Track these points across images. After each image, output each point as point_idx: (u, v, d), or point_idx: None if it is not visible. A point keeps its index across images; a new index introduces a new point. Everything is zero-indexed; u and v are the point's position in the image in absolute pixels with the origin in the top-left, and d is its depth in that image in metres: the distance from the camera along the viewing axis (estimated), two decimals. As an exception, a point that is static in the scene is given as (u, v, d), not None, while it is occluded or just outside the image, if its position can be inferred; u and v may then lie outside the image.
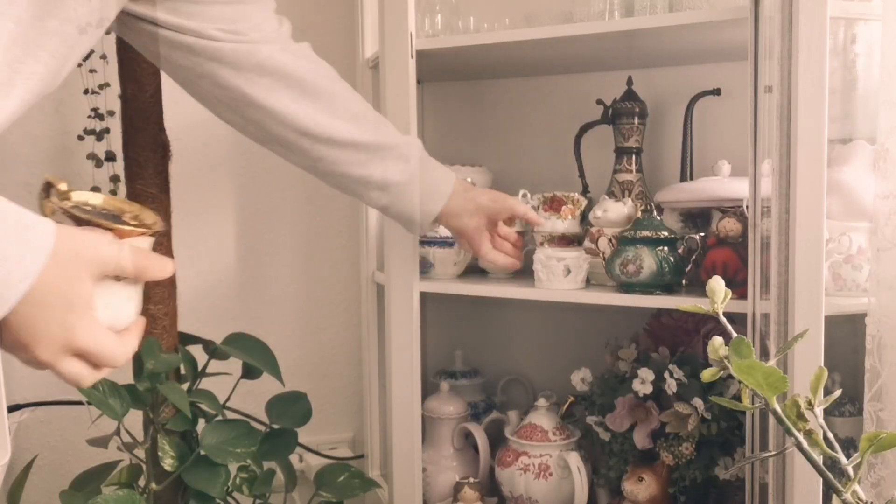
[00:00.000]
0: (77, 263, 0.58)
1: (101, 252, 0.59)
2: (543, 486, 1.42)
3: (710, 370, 0.61)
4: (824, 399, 0.60)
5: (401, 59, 1.36)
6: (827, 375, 0.61)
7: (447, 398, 1.58)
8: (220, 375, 1.33)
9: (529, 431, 1.46)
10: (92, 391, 1.22)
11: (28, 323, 0.56)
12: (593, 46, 1.40)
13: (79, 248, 0.58)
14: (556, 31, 1.32)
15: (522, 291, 1.38)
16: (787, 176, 1.04)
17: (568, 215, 1.39)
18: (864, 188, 1.13)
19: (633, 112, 1.46)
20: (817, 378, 0.60)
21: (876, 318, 1.04)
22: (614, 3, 1.38)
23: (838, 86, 1.27)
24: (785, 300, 1.05)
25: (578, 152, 1.54)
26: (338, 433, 1.85)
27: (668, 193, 1.38)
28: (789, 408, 0.60)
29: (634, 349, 1.41)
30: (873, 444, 0.57)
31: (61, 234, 0.57)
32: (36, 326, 0.57)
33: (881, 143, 1.03)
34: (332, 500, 1.35)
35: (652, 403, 1.32)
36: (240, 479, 1.31)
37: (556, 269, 1.33)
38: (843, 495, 0.59)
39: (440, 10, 1.52)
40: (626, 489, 1.35)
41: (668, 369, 1.28)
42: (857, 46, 1.29)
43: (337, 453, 1.79)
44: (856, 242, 1.14)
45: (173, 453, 1.24)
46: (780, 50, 1.03)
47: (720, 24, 1.21)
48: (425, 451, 1.51)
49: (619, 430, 1.36)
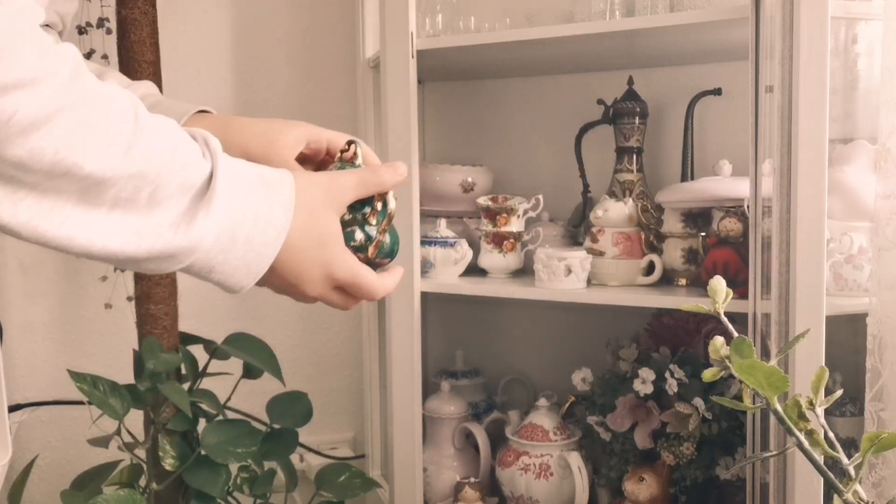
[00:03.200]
0: (319, 204, 0.63)
1: (337, 186, 0.64)
2: (544, 486, 1.42)
3: (711, 370, 0.61)
4: (825, 399, 0.60)
5: (401, 59, 1.36)
6: (828, 375, 0.60)
7: (448, 398, 1.58)
8: (221, 375, 1.34)
9: (530, 431, 1.45)
10: (92, 391, 1.22)
11: (291, 268, 0.62)
12: (594, 46, 1.40)
13: (318, 189, 0.63)
14: (557, 30, 1.32)
15: (523, 291, 1.38)
16: (788, 176, 1.04)
17: (509, 250, 1.47)
18: (865, 188, 1.13)
19: (633, 112, 1.46)
20: (818, 378, 0.60)
21: (877, 317, 1.04)
22: (615, 3, 1.39)
23: (839, 85, 1.27)
24: (786, 300, 1.05)
25: (579, 152, 1.53)
26: (338, 433, 1.85)
27: (668, 193, 1.38)
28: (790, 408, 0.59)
29: (635, 349, 1.41)
30: (874, 444, 0.57)
31: (300, 182, 0.62)
32: (299, 268, 0.62)
33: (882, 142, 1.03)
34: (333, 499, 1.35)
35: (653, 403, 1.32)
36: (240, 478, 1.31)
37: (558, 269, 1.33)
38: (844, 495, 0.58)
39: (441, 10, 1.52)
40: (626, 489, 1.35)
41: (669, 369, 1.28)
42: (858, 46, 1.29)
43: (338, 453, 1.79)
44: (857, 242, 1.14)
45: (174, 453, 1.24)
46: (781, 50, 1.03)
47: (721, 24, 1.21)
48: (426, 450, 1.51)
49: (620, 430, 1.35)
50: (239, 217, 0.58)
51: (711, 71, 1.49)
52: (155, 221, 0.55)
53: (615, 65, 1.54)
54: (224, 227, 0.57)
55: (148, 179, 0.54)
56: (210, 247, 0.57)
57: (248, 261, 0.59)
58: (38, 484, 1.60)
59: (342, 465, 1.40)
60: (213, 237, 0.56)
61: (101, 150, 0.51)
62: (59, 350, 1.65)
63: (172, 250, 0.55)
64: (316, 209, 0.63)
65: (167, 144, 0.56)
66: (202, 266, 0.58)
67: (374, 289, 0.67)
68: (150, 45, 1.30)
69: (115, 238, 0.54)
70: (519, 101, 1.71)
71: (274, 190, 0.60)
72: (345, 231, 0.65)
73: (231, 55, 1.73)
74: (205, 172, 0.57)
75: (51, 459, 1.64)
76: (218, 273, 0.59)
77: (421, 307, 1.40)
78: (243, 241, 0.58)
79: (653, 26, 1.26)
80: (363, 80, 1.65)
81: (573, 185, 1.57)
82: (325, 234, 0.63)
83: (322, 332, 1.85)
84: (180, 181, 0.55)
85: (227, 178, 0.57)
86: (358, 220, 0.66)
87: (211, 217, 0.56)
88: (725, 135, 1.50)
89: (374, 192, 0.66)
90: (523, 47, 1.38)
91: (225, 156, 0.59)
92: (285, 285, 0.64)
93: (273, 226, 0.60)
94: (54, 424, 1.65)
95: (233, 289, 0.61)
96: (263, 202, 0.59)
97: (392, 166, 0.67)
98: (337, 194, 0.64)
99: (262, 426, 1.34)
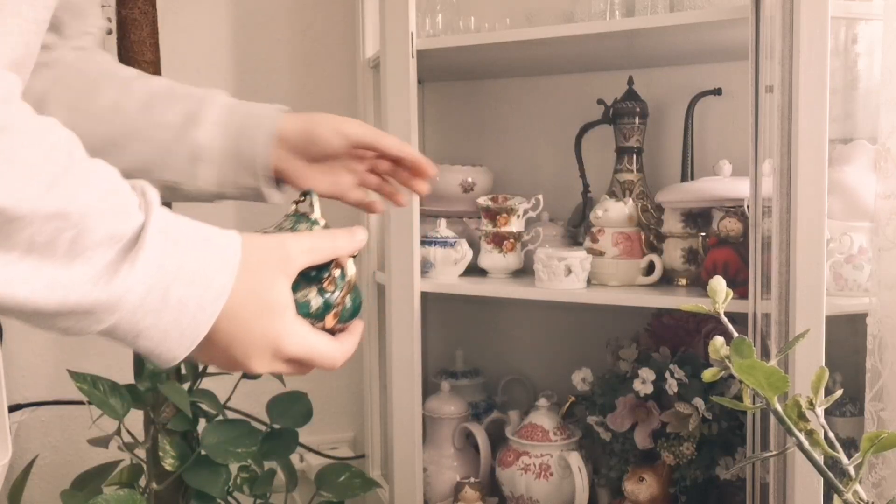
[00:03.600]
0: (268, 269, 0.57)
1: (288, 251, 0.58)
2: (544, 486, 1.42)
3: (711, 370, 0.61)
4: (825, 399, 0.60)
5: (401, 59, 1.36)
6: (828, 375, 0.60)
7: (448, 398, 1.58)
8: (221, 375, 1.33)
9: (530, 431, 1.45)
10: (92, 391, 1.22)
11: (232, 338, 0.56)
12: (594, 46, 1.40)
13: (266, 253, 0.57)
14: (557, 30, 1.32)
15: (523, 291, 1.38)
16: (788, 176, 1.04)
17: (509, 250, 1.47)
18: (865, 188, 1.13)
19: (633, 112, 1.46)
20: (818, 378, 0.60)
21: (877, 317, 1.04)
22: (615, 3, 1.39)
23: (839, 85, 1.27)
24: (786, 300, 1.05)
25: (579, 152, 1.53)
26: (338, 433, 1.85)
27: (668, 193, 1.38)
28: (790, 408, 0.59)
29: (635, 349, 1.41)
30: (874, 444, 0.57)
31: (247, 244, 0.56)
32: (241, 340, 0.56)
33: (882, 142, 1.03)
34: (333, 499, 1.35)
35: (653, 403, 1.32)
36: (240, 478, 1.31)
37: (558, 269, 1.33)
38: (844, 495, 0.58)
39: (441, 10, 1.52)
40: (626, 489, 1.35)
41: (669, 369, 1.28)
42: (858, 46, 1.29)
43: (338, 453, 1.79)
44: (857, 242, 1.14)
45: (174, 453, 1.24)
46: (781, 50, 1.03)
47: (721, 24, 1.21)
48: (426, 450, 1.51)
49: (619, 430, 1.35)
50: (172, 275, 0.52)
51: (711, 71, 1.49)
52: (74, 273, 0.49)
53: (615, 65, 1.54)
54: (153, 286, 0.51)
55: (70, 222, 0.48)
56: (136, 306, 0.51)
57: (180, 326, 0.53)
58: (38, 484, 1.60)
59: (342, 465, 1.40)
60: (138, 295, 0.51)
61: (18, 183, 0.46)
62: (59, 350, 1.65)
63: (88, 305, 0.49)
64: (263, 274, 0.57)
65: (98, 189, 0.50)
66: (127, 329, 0.52)
67: (331, 359, 0.61)
68: (150, 45, 1.30)
69: (23, 286, 0.47)
70: (519, 101, 1.71)
71: (217, 249, 0.55)
72: (299, 299, 0.59)
73: (231, 55, 1.73)
74: (136, 223, 0.51)
75: (51, 459, 1.64)
76: (146, 339, 0.53)
77: (421, 307, 1.40)
78: (176, 303, 0.52)
79: (653, 26, 1.26)
80: (363, 80, 1.65)
81: (573, 185, 1.57)
82: (272, 302, 0.57)
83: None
84: (108, 230, 0.50)
85: (160, 231, 0.52)
86: (314, 287, 0.60)
87: (137, 271, 0.50)
88: (725, 135, 1.50)
89: (329, 258, 0.61)
90: (523, 47, 1.38)
91: (164, 209, 0.54)
92: (226, 359, 0.58)
93: (212, 288, 0.54)
94: (54, 424, 1.65)
95: (163, 358, 0.54)
96: (203, 261, 0.54)
97: (350, 231, 0.62)
98: (287, 259, 0.58)
99: (261, 426, 1.34)
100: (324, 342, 0.60)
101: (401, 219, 1.39)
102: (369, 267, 1.68)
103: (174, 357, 0.54)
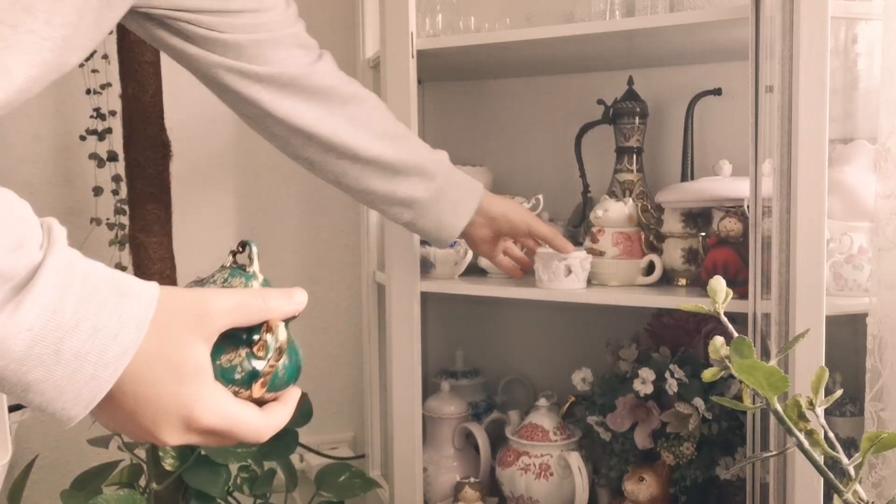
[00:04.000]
0: (179, 325, 0.51)
1: (208, 308, 0.52)
2: (544, 486, 1.42)
3: (711, 370, 0.61)
4: (825, 399, 0.60)
5: (401, 58, 1.36)
6: (828, 375, 0.60)
7: (448, 398, 1.58)
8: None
9: (530, 431, 1.45)
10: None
11: (137, 403, 0.50)
12: (594, 46, 1.40)
13: (183, 308, 0.51)
14: (557, 30, 1.32)
15: (523, 291, 1.38)
16: (788, 176, 1.04)
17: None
18: (865, 188, 1.13)
19: (633, 112, 1.46)
20: (818, 378, 0.60)
21: (877, 317, 1.04)
22: (615, 3, 1.38)
23: (839, 85, 1.27)
24: (786, 300, 1.05)
25: (579, 152, 1.53)
26: (338, 433, 1.85)
27: (668, 193, 1.38)
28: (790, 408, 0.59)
29: (635, 349, 1.41)
30: (874, 444, 0.57)
31: (165, 299, 0.51)
32: (148, 406, 0.50)
33: (882, 142, 1.03)
34: (333, 499, 1.35)
35: (653, 403, 1.32)
36: (240, 478, 1.31)
37: (558, 269, 1.33)
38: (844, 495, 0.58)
39: (441, 10, 1.52)
40: (626, 489, 1.35)
41: (669, 369, 1.28)
42: (859, 46, 1.29)
43: (338, 453, 1.79)
44: (857, 242, 1.14)
45: (174, 453, 1.24)
46: (781, 50, 1.03)
47: (721, 24, 1.21)
48: (426, 451, 1.51)
49: (619, 430, 1.36)
50: (69, 325, 0.46)
51: (711, 71, 1.49)
52: None
53: (615, 65, 1.54)
54: (43, 334, 0.45)
55: None
56: (21, 355, 0.45)
57: (76, 383, 0.47)
58: (38, 484, 1.60)
59: (342, 465, 1.40)
60: (24, 343, 0.45)
61: None
62: (59, 350, 1.65)
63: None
64: (177, 332, 0.50)
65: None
66: (14, 381, 0.46)
67: (255, 432, 0.54)
68: (150, 45, 1.30)
69: None
70: (519, 101, 1.71)
71: (128, 301, 0.49)
72: (223, 363, 0.53)
73: (231, 55, 1.73)
74: (32, 262, 0.46)
75: (51, 459, 1.64)
76: (36, 393, 0.47)
77: (421, 307, 1.40)
78: (71, 357, 0.46)
79: (653, 26, 1.26)
80: (363, 80, 1.65)
81: (573, 185, 1.57)
82: (185, 366, 0.51)
83: (322, 332, 1.85)
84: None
85: (56, 274, 0.46)
86: (242, 351, 0.54)
87: (21, 315, 0.44)
88: (725, 135, 1.50)
89: (258, 320, 0.54)
90: (523, 47, 1.38)
91: (70, 250, 0.48)
92: (134, 426, 0.51)
93: (117, 343, 0.48)
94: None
95: (57, 416, 0.48)
96: (109, 312, 0.47)
97: (286, 292, 0.56)
98: (206, 318, 0.51)
99: (262, 426, 1.34)
100: (246, 412, 0.54)
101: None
102: (369, 267, 1.69)
103: (69, 417, 0.49)
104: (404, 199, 1.10)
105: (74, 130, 1.56)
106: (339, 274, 1.85)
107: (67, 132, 1.59)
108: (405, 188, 1.09)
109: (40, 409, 0.48)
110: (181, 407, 0.51)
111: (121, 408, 0.50)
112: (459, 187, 1.16)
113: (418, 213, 1.12)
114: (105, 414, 0.51)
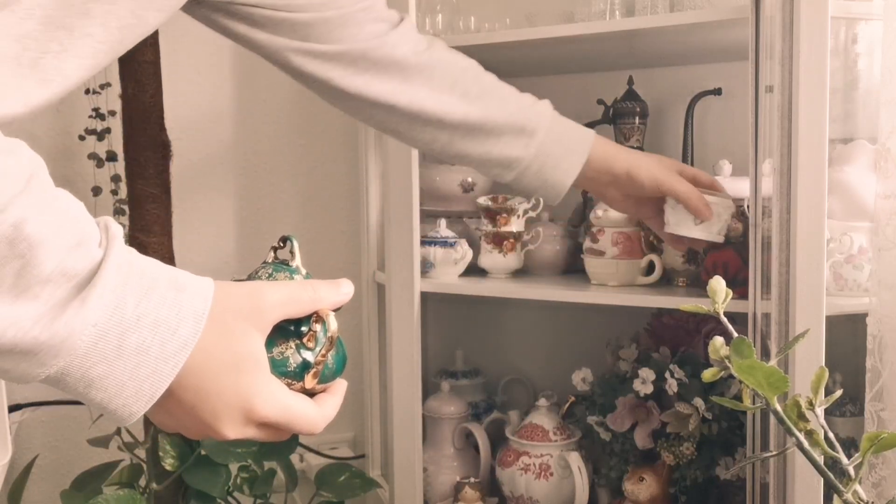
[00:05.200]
0: (235, 318, 0.51)
1: (261, 301, 0.52)
2: (544, 486, 1.42)
3: (711, 370, 0.61)
4: (825, 399, 0.60)
5: (401, 58, 1.36)
6: (828, 375, 0.60)
7: (448, 398, 1.58)
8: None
9: (530, 431, 1.45)
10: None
11: (198, 397, 0.50)
12: (594, 46, 1.39)
13: (238, 301, 0.52)
14: (557, 30, 1.32)
15: (523, 291, 1.38)
16: (788, 176, 1.03)
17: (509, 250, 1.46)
18: (865, 188, 1.13)
19: (633, 112, 1.46)
20: (818, 378, 0.60)
21: (877, 317, 1.03)
22: (615, 3, 1.38)
23: (839, 85, 1.27)
24: (786, 300, 1.05)
25: (579, 152, 1.53)
26: (338, 433, 1.85)
27: (668, 193, 1.37)
28: (790, 408, 0.59)
29: (635, 349, 1.41)
30: (874, 444, 0.57)
31: (220, 292, 0.51)
32: (209, 399, 0.50)
33: (882, 142, 1.03)
34: (333, 499, 1.35)
35: (653, 403, 1.32)
36: (240, 478, 1.31)
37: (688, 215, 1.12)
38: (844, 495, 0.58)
39: (441, 10, 1.52)
40: (626, 489, 1.34)
41: (669, 369, 1.28)
42: (859, 46, 1.29)
43: (338, 453, 1.79)
44: (857, 242, 1.14)
45: (174, 453, 1.24)
46: (781, 50, 1.03)
47: (721, 24, 1.21)
48: (426, 451, 1.51)
49: (619, 430, 1.35)
50: (131, 320, 0.47)
51: (711, 71, 1.49)
52: (18, 309, 0.44)
53: (615, 65, 1.53)
54: (106, 329, 0.46)
55: (16, 251, 0.44)
56: (86, 351, 0.46)
57: (138, 377, 0.47)
58: (38, 484, 1.60)
59: (342, 465, 1.40)
60: (89, 338, 0.45)
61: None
62: (59, 350, 1.65)
63: (28, 345, 0.44)
64: (233, 325, 0.51)
65: (55, 219, 0.46)
66: (77, 377, 0.46)
67: (312, 423, 0.54)
68: (150, 45, 1.30)
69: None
70: (519, 101, 1.70)
71: (186, 296, 0.49)
72: (275, 356, 0.53)
73: (231, 55, 1.73)
74: (93, 260, 0.46)
75: (51, 459, 1.64)
76: (98, 389, 0.47)
77: (421, 307, 1.40)
78: (133, 351, 0.47)
79: (653, 26, 1.26)
80: (363, 80, 1.65)
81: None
82: (243, 358, 0.51)
83: (322, 332, 1.84)
84: (59, 265, 0.45)
85: (118, 270, 0.47)
86: (292, 343, 0.54)
87: (86, 312, 0.45)
88: (725, 135, 1.50)
89: (309, 311, 0.55)
90: (523, 47, 1.38)
91: (127, 248, 0.49)
92: (193, 420, 0.52)
93: (177, 337, 0.48)
94: (54, 424, 1.65)
95: (118, 414, 0.48)
96: (168, 306, 0.48)
97: (334, 283, 0.58)
98: (261, 311, 0.52)
99: (262, 426, 1.34)
100: (302, 404, 0.54)
101: (401, 219, 1.39)
102: (369, 267, 1.68)
103: (130, 413, 0.49)
104: (501, 159, 1.03)
105: (74, 130, 1.56)
106: (338, 274, 1.83)
107: (67, 132, 1.59)
108: (500, 148, 1.02)
109: (101, 406, 0.48)
110: (242, 399, 0.51)
111: (181, 403, 0.50)
112: (561, 142, 1.05)
113: (521, 173, 1.04)
114: (164, 411, 0.51)
